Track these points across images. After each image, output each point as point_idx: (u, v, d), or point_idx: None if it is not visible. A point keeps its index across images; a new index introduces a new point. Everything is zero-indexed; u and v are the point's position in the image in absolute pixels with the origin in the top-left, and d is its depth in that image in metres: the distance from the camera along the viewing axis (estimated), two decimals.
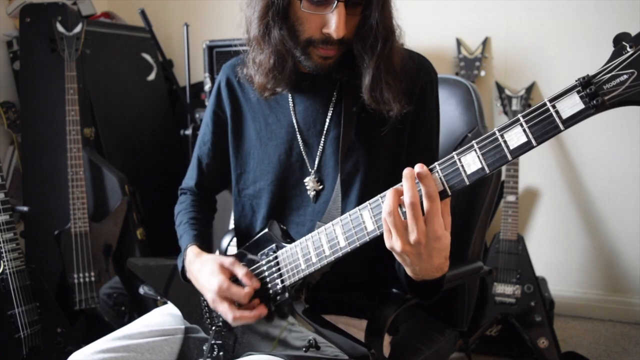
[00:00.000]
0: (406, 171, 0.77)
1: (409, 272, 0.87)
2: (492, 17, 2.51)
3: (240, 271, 1.00)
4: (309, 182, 1.08)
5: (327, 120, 1.07)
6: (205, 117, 1.23)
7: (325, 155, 1.07)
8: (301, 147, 1.09)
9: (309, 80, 1.07)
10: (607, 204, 2.45)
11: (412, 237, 0.77)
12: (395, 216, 0.77)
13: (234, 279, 1.01)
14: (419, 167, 0.76)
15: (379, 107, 0.99)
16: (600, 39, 2.32)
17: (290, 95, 1.10)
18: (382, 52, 0.96)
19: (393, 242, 0.79)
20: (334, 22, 0.91)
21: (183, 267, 1.11)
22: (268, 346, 1.00)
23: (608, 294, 2.52)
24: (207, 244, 1.14)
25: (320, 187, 1.08)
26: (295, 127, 1.09)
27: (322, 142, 1.07)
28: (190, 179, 1.27)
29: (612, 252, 2.48)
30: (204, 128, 1.23)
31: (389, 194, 0.79)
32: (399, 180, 0.80)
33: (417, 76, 1.04)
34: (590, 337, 2.35)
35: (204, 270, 1.03)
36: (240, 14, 1.05)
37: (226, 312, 0.98)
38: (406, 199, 0.76)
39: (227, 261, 1.02)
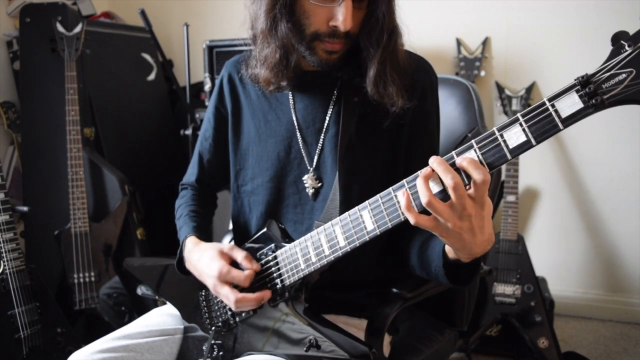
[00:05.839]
0: (434, 159, 0.75)
1: (461, 255, 0.82)
2: (492, 17, 2.51)
3: (240, 255, 1.01)
4: (308, 180, 1.08)
5: (327, 118, 1.07)
6: (207, 113, 1.23)
7: (324, 153, 1.07)
8: (300, 145, 1.09)
9: (309, 78, 1.07)
10: (607, 204, 2.45)
11: (465, 212, 0.74)
12: (434, 203, 0.74)
13: (234, 265, 1.01)
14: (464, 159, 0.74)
15: (382, 100, 0.99)
16: (600, 39, 2.30)
17: (290, 93, 1.11)
18: (387, 46, 0.98)
19: (441, 228, 0.76)
20: (342, 14, 0.92)
21: (181, 257, 1.11)
22: (268, 346, 1.00)
23: (608, 294, 2.52)
24: (207, 237, 1.14)
25: (320, 184, 1.08)
26: (295, 124, 1.09)
27: (321, 140, 1.07)
28: (191, 174, 1.27)
29: (612, 252, 2.48)
30: (206, 124, 1.24)
31: (420, 183, 0.75)
32: (397, 179, 0.80)
33: (417, 76, 1.05)
34: (590, 337, 2.35)
35: (204, 257, 1.04)
36: (245, 11, 1.05)
37: (228, 295, 0.99)
38: (448, 182, 0.73)
39: (226, 247, 1.03)
